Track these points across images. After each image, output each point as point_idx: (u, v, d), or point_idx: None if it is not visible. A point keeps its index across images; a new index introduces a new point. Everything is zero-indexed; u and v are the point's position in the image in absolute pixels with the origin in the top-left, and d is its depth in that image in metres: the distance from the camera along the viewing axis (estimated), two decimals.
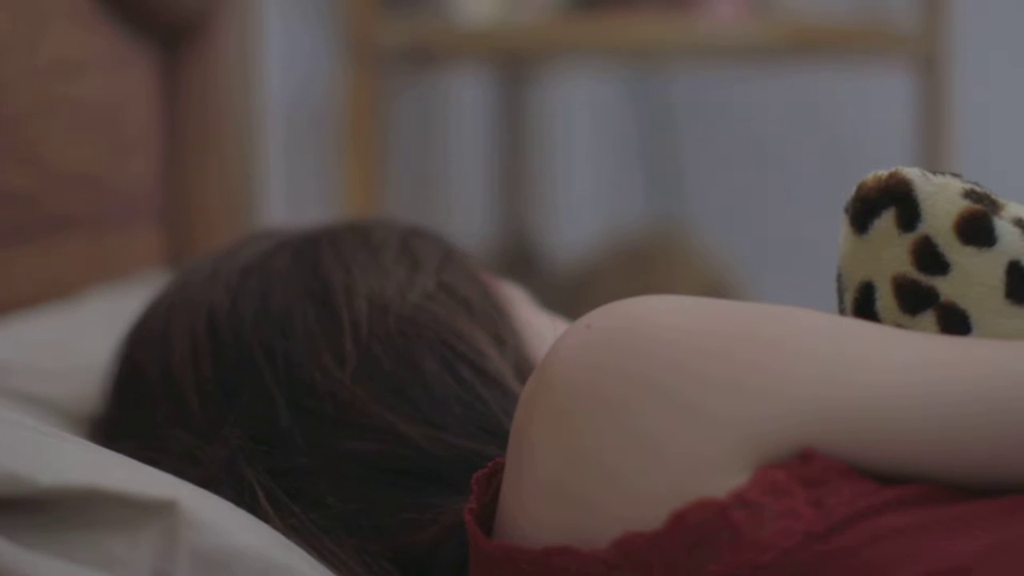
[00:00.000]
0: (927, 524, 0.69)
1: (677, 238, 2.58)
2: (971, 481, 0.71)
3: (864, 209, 0.77)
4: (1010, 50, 2.56)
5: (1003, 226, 0.75)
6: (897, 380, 0.71)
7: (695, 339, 0.72)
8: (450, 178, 2.69)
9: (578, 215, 2.80)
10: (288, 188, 2.14)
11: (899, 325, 0.77)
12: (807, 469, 0.70)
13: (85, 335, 1.15)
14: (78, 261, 1.32)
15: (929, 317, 0.76)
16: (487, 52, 2.34)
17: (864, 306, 0.78)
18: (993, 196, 0.76)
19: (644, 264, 2.46)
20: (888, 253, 0.77)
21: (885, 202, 0.77)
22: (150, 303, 1.00)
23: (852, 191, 0.78)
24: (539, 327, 0.98)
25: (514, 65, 2.67)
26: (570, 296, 2.30)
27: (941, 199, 0.76)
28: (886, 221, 0.77)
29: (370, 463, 0.88)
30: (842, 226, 0.78)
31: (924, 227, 0.76)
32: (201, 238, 1.46)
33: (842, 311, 0.79)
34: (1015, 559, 0.67)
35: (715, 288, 2.35)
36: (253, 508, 0.85)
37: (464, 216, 2.67)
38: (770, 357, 0.71)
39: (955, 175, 0.77)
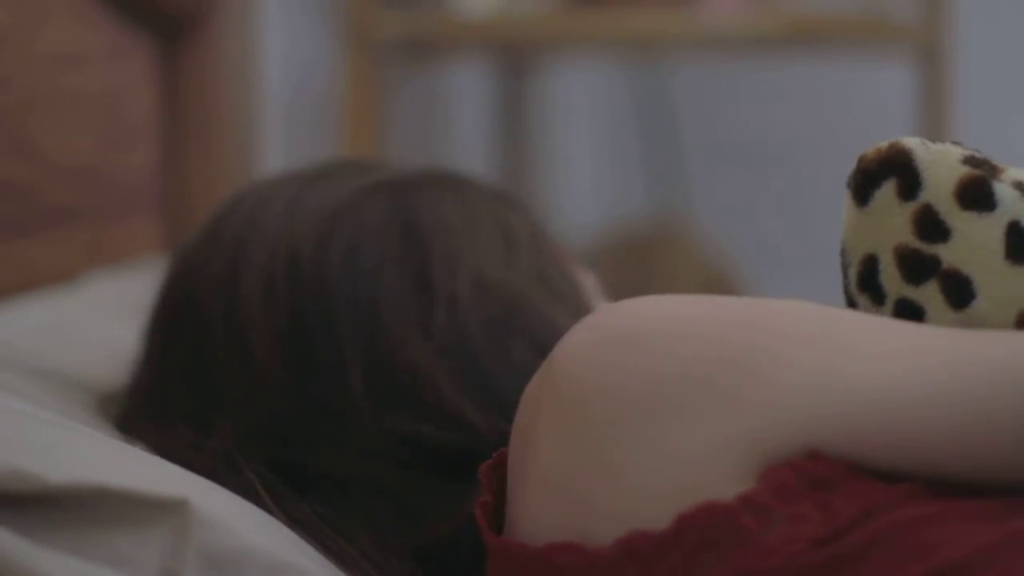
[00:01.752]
0: (932, 520, 0.68)
1: (677, 229, 2.57)
2: (974, 477, 0.71)
3: (865, 181, 0.77)
4: (1010, 40, 2.56)
5: (1003, 189, 0.75)
6: (899, 383, 0.71)
7: (699, 345, 0.72)
8: None
9: (579, 206, 2.80)
10: None
11: (903, 296, 0.77)
12: (814, 469, 0.69)
13: (86, 318, 1.14)
14: (78, 253, 1.31)
15: (933, 286, 0.76)
16: (488, 43, 2.34)
17: (868, 279, 0.78)
18: (993, 161, 0.76)
19: (645, 255, 2.46)
20: (890, 224, 0.76)
21: (886, 173, 0.76)
22: (203, 232, 0.95)
23: (853, 165, 0.77)
24: None
25: (515, 56, 2.66)
26: None
27: (941, 166, 0.75)
28: (887, 192, 0.76)
29: (422, 447, 0.87)
30: (845, 200, 0.78)
31: (925, 195, 0.76)
32: None
33: (847, 286, 0.79)
34: (1023, 554, 0.67)
35: (716, 279, 2.35)
36: (262, 500, 0.84)
37: None
38: (772, 365, 0.71)
39: (955, 143, 0.76)
